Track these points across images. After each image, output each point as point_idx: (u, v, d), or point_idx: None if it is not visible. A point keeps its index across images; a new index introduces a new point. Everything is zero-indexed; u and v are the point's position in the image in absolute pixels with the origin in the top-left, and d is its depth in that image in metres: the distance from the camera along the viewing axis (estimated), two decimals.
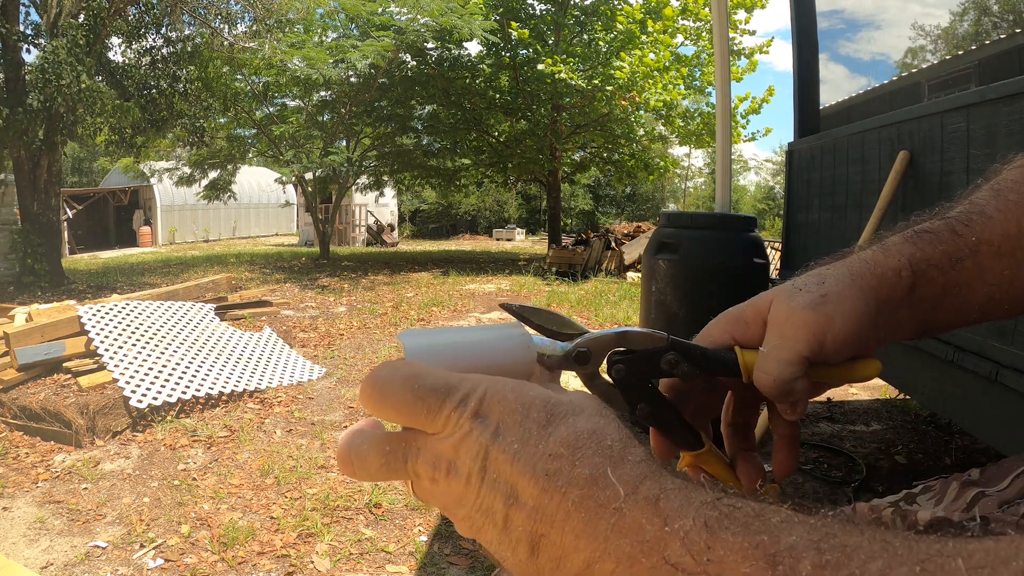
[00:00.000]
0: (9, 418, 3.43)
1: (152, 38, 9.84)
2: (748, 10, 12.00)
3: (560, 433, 0.29)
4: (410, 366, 0.32)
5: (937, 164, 2.06)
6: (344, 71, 11.11)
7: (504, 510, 0.29)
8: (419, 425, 0.31)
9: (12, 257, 9.41)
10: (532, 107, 13.31)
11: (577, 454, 0.28)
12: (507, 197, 31.75)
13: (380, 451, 0.31)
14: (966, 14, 5.22)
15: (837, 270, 0.46)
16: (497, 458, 0.29)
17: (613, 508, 0.27)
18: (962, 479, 0.54)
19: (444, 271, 11.30)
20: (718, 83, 3.92)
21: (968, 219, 0.46)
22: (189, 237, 21.20)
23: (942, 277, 0.45)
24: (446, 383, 0.31)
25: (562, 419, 0.30)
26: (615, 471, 0.28)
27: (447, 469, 0.30)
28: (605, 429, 0.30)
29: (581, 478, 0.28)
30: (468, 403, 0.30)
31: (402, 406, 0.31)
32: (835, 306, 0.43)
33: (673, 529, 0.25)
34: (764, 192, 41.16)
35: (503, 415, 0.30)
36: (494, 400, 0.30)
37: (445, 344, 0.35)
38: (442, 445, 0.30)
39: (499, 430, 0.30)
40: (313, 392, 4.17)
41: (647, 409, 0.44)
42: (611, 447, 0.29)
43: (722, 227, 3.05)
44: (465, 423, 0.30)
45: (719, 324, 0.47)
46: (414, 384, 0.31)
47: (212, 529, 2.45)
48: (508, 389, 0.31)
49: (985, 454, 2.92)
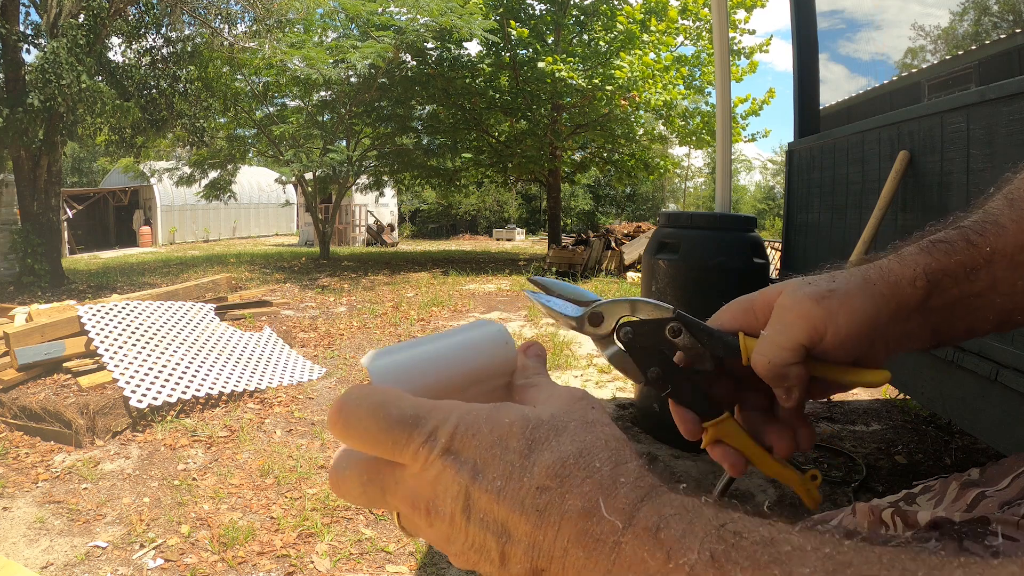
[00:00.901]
0: (9, 418, 3.43)
1: (152, 38, 9.84)
2: (748, 9, 12.00)
3: (544, 460, 0.28)
4: (378, 392, 0.30)
5: (937, 164, 2.06)
6: (344, 71, 11.12)
7: (498, 547, 0.28)
8: (389, 457, 0.29)
9: (12, 257, 9.41)
10: (532, 107, 13.30)
11: (566, 484, 0.27)
12: (507, 197, 31.77)
13: (359, 478, 0.30)
14: (966, 14, 5.22)
15: (851, 273, 0.46)
16: (480, 498, 0.27)
17: (612, 542, 0.25)
18: (962, 479, 0.54)
19: (444, 271, 11.30)
20: (718, 83, 3.92)
21: (982, 229, 0.46)
22: (189, 237, 21.21)
23: (956, 287, 0.45)
24: (414, 414, 0.29)
25: (544, 444, 0.28)
26: (608, 502, 0.26)
27: (427, 508, 0.29)
28: (592, 448, 0.28)
29: (574, 511, 0.26)
30: (437, 439, 0.28)
31: (368, 438, 0.29)
32: (840, 302, 0.44)
33: (678, 565, 0.24)
34: (764, 192, 41.16)
35: (479, 451, 0.28)
36: (467, 435, 0.29)
37: (415, 360, 0.33)
38: (417, 482, 0.29)
39: (477, 468, 0.28)
40: (313, 392, 4.17)
41: (658, 372, 0.46)
42: (600, 470, 0.27)
43: (722, 227, 3.05)
44: (436, 462, 0.28)
45: (729, 310, 0.49)
46: (379, 414, 0.29)
47: (212, 529, 2.45)
48: (482, 420, 0.29)
49: (985, 454, 2.93)
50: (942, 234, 0.47)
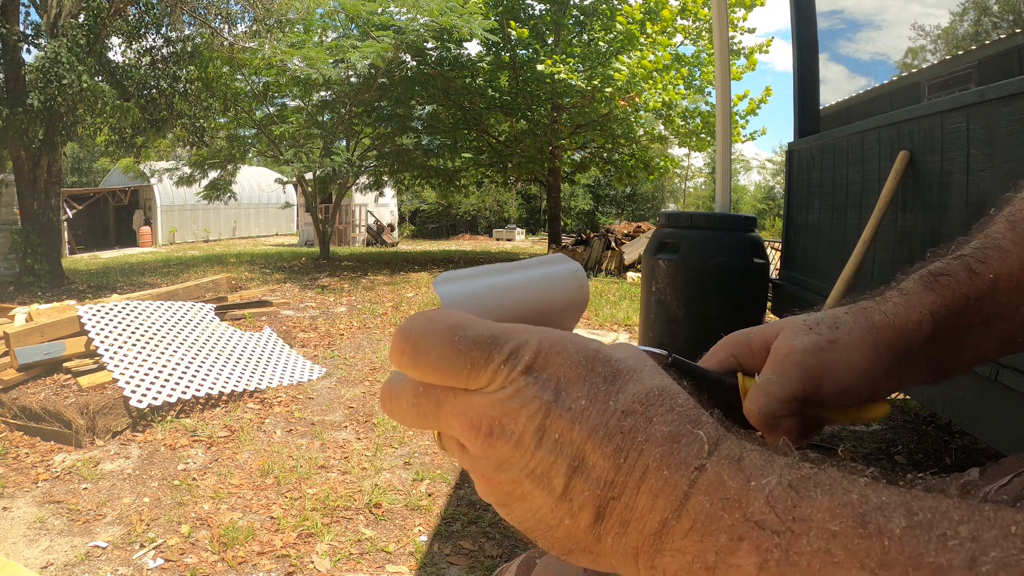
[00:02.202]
0: (9, 418, 3.43)
1: (152, 38, 9.83)
2: (748, 8, 12.00)
3: (630, 389, 0.27)
4: (448, 315, 0.28)
5: (937, 164, 2.05)
6: (344, 71, 11.11)
7: (566, 475, 0.26)
8: (462, 384, 0.27)
9: (12, 257, 9.41)
10: (532, 107, 13.30)
11: (651, 411, 0.26)
12: (507, 197, 31.77)
13: (413, 391, 0.28)
14: (966, 14, 5.22)
15: (855, 318, 0.45)
16: (560, 417, 0.26)
17: (695, 466, 0.25)
18: (962, 479, 0.54)
19: (444, 271, 11.29)
20: (718, 83, 3.92)
21: (984, 255, 0.46)
22: (189, 237, 21.21)
23: (960, 320, 0.45)
24: (492, 334, 0.27)
25: (628, 376, 0.28)
26: (695, 428, 0.26)
27: (489, 428, 0.27)
28: (672, 388, 0.28)
29: (660, 435, 0.26)
30: (520, 356, 0.27)
31: (441, 363, 0.27)
32: (841, 354, 0.43)
33: (758, 485, 0.24)
34: (764, 192, 41.17)
35: (563, 370, 0.27)
36: (551, 352, 0.27)
37: (487, 287, 0.31)
38: (485, 400, 0.27)
39: (560, 386, 0.27)
40: (313, 392, 4.17)
41: None
42: (683, 406, 0.27)
43: (722, 227, 3.05)
44: (517, 379, 0.27)
45: (725, 346, 0.48)
46: (453, 336, 0.27)
47: (212, 529, 2.45)
48: (567, 340, 0.28)
49: (985, 454, 2.93)
50: (943, 264, 0.47)
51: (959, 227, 1.93)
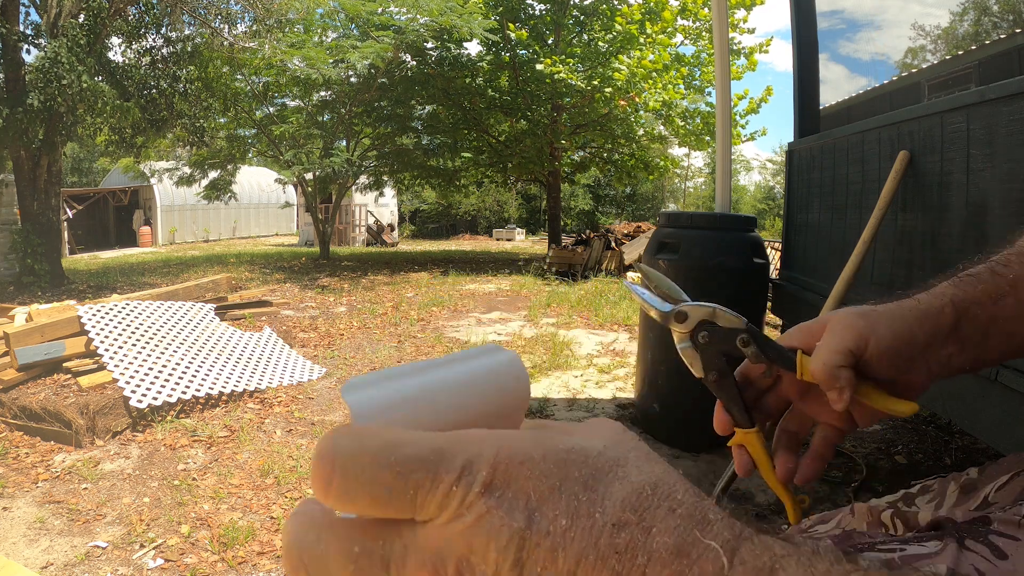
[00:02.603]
0: (9, 418, 3.43)
1: (152, 38, 9.83)
2: (747, 8, 12.00)
3: (617, 493, 0.22)
4: (378, 433, 0.23)
5: (937, 164, 2.06)
6: (344, 71, 11.12)
7: None
8: (405, 513, 0.22)
9: (12, 257, 9.41)
10: (532, 107, 13.30)
11: (647, 518, 0.22)
12: (507, 197, 31.77)
13: (347, 554, 0.22)
14: (966, 14, 5.22)
15: (887, 303, 0.53)
16: (539, 547, 0.21)
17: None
18: (961, 479, 0.54)
19: (444, 271, 11.30)
20: (718, 83, 3.92)
21: (1007, 260, 0.52)
22: (189, 237, 21.21)
23: (985, 313, 0.50)
24: (435, 448, 0.22)
25: (611, 473, 0.23)
26: (705, 534, 0.21)
27: (456, 570, 0.22)
28: (667, 479, 0.23)
29: (664, 549, 0.21)
30: (475, 473, 0.22)
31: (378, 492, 0.21)
32: (880, 317, 0.51)
33: None
34: (764, 192, 41.16)
35: (531, 483, 0.22)
36: (512, 463, 0.22)
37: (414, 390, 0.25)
38: (443, 535, 0.22)
39: (531, 505, 0.22)
40: (313, 392, 4.17)
41: (715, 376, 0.54)
42: (684, 502, 0.22)
43: (722, 227, 3.05)
44: (476, 503, 0.21)
45: (792, 333, 0.56)
46: (389, 457, 0.22)
47: (212, 529, 2.45)
48: (528, 442, 0.23)
49: (985, 454, 2.93)
50: (970, 269, 0.54)
51: (959, 227, 1.93)
